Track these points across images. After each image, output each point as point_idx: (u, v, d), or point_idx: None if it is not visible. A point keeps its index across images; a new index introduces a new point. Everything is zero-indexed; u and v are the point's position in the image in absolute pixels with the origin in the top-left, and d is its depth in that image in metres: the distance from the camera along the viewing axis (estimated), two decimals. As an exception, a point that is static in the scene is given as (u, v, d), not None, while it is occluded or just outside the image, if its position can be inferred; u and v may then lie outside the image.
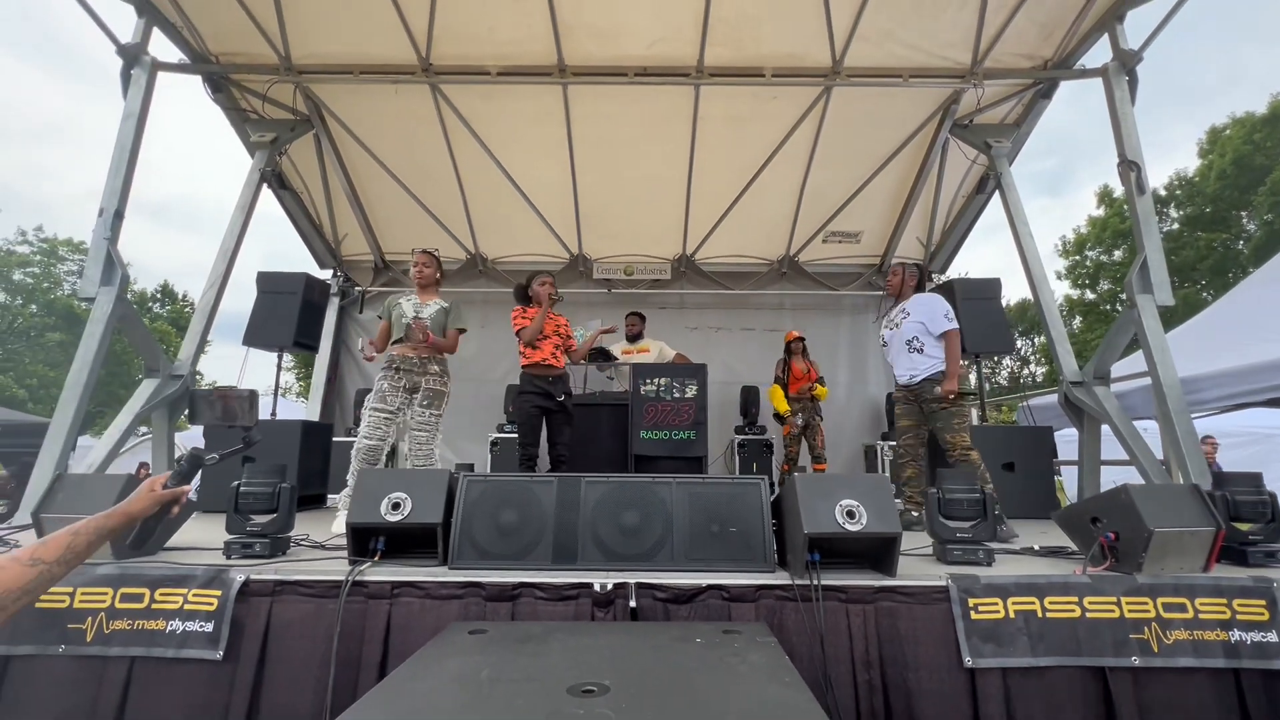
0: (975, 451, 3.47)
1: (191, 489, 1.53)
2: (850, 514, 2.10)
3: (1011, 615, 2.08)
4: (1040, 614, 2.08)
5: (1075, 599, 2.09)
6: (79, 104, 50.08)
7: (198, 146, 67.98)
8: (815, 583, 2.07)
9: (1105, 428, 4.22)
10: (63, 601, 2.11)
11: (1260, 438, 7.33)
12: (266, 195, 5.88)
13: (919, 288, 3.98)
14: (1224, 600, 2.11)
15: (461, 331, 3.75)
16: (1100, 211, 22.07)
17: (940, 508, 2.40)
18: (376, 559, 2.28)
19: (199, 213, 57.16)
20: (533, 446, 4.05)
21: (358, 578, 2.16)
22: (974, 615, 2.08)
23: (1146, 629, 2.06)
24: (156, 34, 4.51)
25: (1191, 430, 3.60)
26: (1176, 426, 3.59)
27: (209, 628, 2.08)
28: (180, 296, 27.03)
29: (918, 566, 2.36)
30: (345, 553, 2.34)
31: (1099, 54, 4.67)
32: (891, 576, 2.15)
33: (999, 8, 4.52)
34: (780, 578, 2.18)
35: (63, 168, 44.23)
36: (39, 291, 21.42)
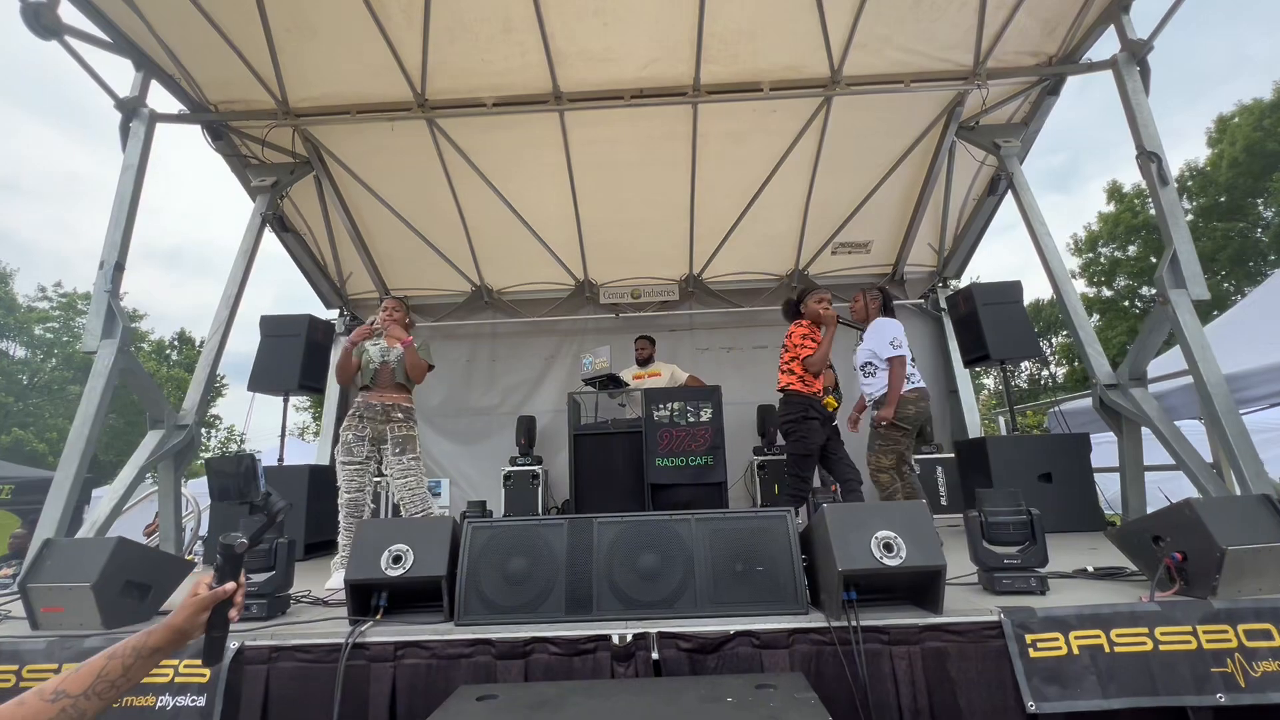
0: (887, 475, 3.55)
1: (244, 580, 1.25)
2: (888, 546, 1.92)
3: (1075, 651, 1.87)
4: (1108, 649, 1.87)
5: (1146, 630, 1.89)
6: (96, 161, 51.74)
7: (208, 191, 69.48)
8: (854, 624, 1.89)
9: (1145, 431, 3.99)
10: (46, 679, 1.97)
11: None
12: (275, 237, 5.91)
13: (887, 311, 3.95)
14: (1313, 624, 1.89)
15: (430, 368, 3.54)
16: (1111, 207, 21.77)
17: (984, 532, 2.21)
18: (379, 617, 2.13)
19: (212, 257, 58.25)
20: (810, 481, 3.72)
21: (358, 639, 2.01)
22: (1033, 653, 1.88)
23: (1229, 661, 1.85)
24: (155, 86, 4.55)
25: (1243, 431, 3.35)
26: (1226, 428, 3.35)
27: (201, 702, 1.93)
28: (198, 344, 27.43)
29: (964, 598, 2.16)
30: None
31: (1104, 46, 4.56)
32: (937, 613, 1.96)
33: (999, 6, 4.41)
34: (815, 620, 1.99)
35: (81, 223, 45.52)
36: (59, 346, 21.81)
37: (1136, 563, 2.32)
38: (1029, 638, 1.90)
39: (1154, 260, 20.27)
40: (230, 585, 1.19)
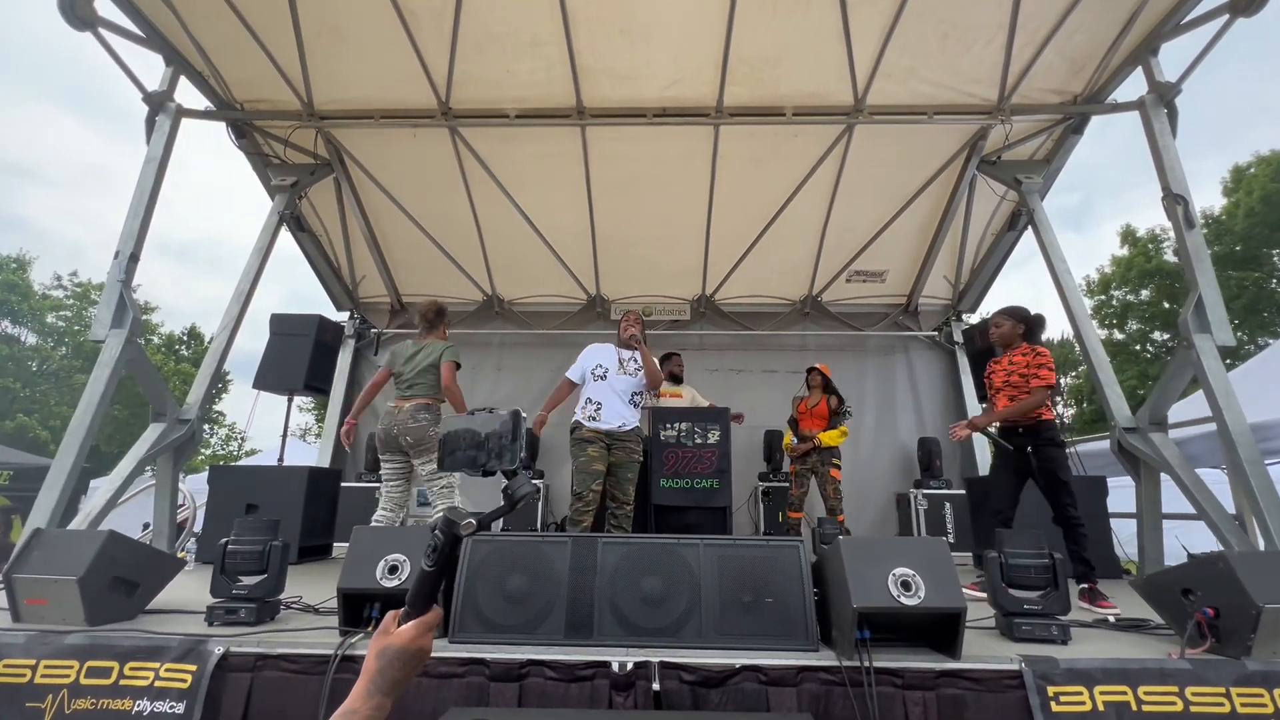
0: None
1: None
2: (905, 585, 1.84)
3: (1100, 708, 1.77)
4: (1135, 707, 1.77)
5: (1176, 689, 1.79)
6: (114, 150, 52.64)
7: (223, 187, 70.20)
8: (866, 665, 1.80)
9: (1163, 477, 3.88)
10: (23, 676, 1.90)
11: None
12: (287, 235, 5.92)
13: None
14: (1355, 693, 1.78)
15: (457, 366, 3.61)
16: (1124, 251, 21.70)
17: (1004, 574, 2.12)
18: (371, 629, 2.05)
19: (224, 254, 58.89)
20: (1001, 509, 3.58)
21: (348, 651, 1.93)
22: (1055, 707, 1.78)
23: (1265, 728, 1.74)
24: (182, 82, 4.59)
25: (1269, 482, 3.25)
26: (1251, 478, 3.25)
27: (180, 709, 1.85)
28: (207, 339, 27.59)
29: (981, 643, 2.06)
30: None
31: (1130, 88, 4.54)
32: (955, 658, 1.86)
33: (1026, 43, 4.42)
34: (825, 657, 1.90)
35: (98, 213, 46.15)
36: (69, 335, 21.95)
37: (1163, 615, 2.21)
38: (1051, 690, 1.80)
39: (1166, 305, 20.09)
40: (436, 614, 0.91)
